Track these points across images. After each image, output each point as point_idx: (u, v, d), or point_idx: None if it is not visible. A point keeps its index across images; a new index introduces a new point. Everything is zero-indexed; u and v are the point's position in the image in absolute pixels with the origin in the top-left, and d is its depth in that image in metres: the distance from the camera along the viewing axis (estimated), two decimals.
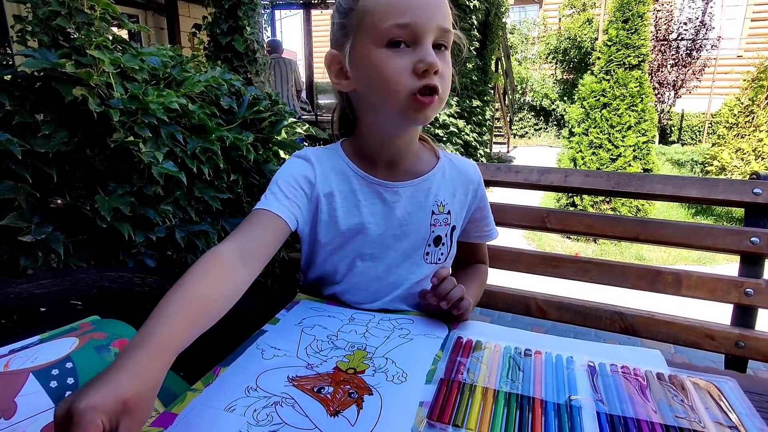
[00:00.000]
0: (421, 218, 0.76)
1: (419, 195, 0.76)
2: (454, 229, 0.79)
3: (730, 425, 0.48)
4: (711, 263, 3.63)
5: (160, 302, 0.52)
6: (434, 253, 0.78)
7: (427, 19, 0.63)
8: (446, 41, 0.67)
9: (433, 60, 0.63)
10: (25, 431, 0.47)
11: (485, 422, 0.48)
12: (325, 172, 0.75)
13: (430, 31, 0.64)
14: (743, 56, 9.41)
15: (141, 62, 1.49)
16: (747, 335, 1.14)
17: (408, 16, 0.63)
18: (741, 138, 4.93)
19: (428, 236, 0.76)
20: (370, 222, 0.75)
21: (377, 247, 0.76)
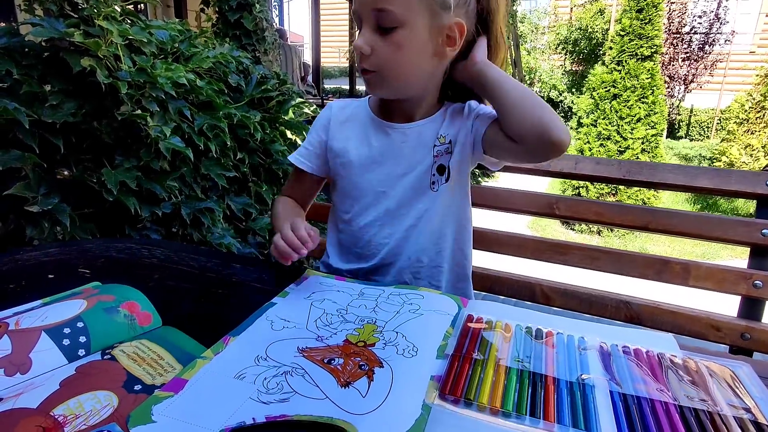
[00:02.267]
0: (425, 153, 0.81)
1: (425, 132, 0.82)
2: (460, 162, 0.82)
3: (745, 408, 0.48)
4: (715, 258, 3.61)
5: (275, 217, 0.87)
6: (439, 181, 0.82)
7: (362, 5, 0.70)
8: (387, 22, 0.69)
9: (357, 44, 0.71)
10: (44, 384, 0.47)
11: (497, 398, 0.48)
12: (345, 120, 0.87)
13: (366, 14, 0.70)
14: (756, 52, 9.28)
15: (149, 35, 1.48)
16: (753, 327, 1.14)
17: (354, 2, 0.71)
18: (751, 134, 4.88)
19: (431, 165, 0.81)
20: (379, 160, 0.83)
21: (387, 183, 0.83)
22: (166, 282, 0.76)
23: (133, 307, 0.60)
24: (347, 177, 0.85)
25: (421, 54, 0.73)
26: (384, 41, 0.70)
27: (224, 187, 1.66)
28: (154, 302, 0.63)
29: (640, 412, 0.47)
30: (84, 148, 1.38)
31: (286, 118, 1.99)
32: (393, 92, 0.78)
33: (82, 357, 0.53)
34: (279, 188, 2.02)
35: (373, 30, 0.70)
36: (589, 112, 4.24)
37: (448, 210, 0.84)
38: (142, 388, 0.48)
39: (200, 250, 0.94)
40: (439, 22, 0.70)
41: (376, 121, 0.84)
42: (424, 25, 0.70)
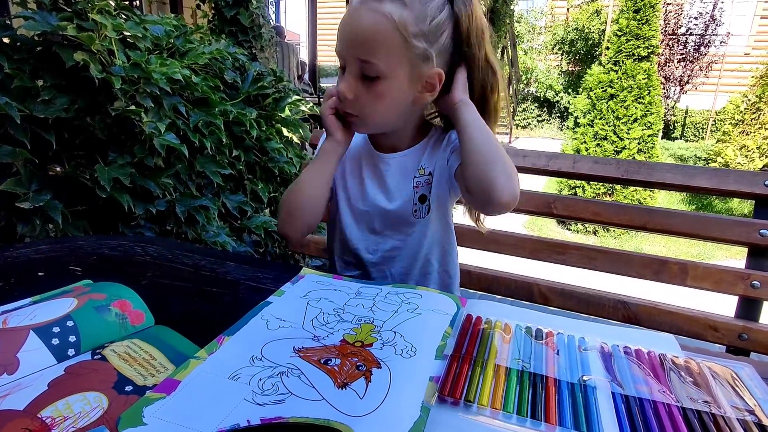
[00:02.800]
0: (406, 183, 0.85)
1: (406, 162, 0.85)
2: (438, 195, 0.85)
3: (748, 409, 0.47)
4: (710, 259, 3.63)
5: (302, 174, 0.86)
6: (421, 209, 0.85)
7: (347, 51, 0.73)
8: (371, 72, 0.71)
9: (341, 89, 0.74)
10: (32, 385, 0.45)
11: (498, 399, 0.47)
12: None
13: (351, 61, 0.73)
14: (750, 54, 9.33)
15: (144, 30, 1.46)
16: (751, 327, 1.14)
17: (338, 45, 0.74)
18: (746, 135, 4.90)
19: (413, 196, 0.85)
20: (368, 185, 0.87)
21: (372, 206, 0.87)
22: (160, 280, 0.74)
23: (124, 306, 0.59)
24: (339, 192, 0.90)
25: (400, 102, 0.76)
26: (366, 89, 0.73)
27: (219, 184, 1.65)
28: (147, 301, 0.62)
29: (643, 414, 0.46)
30: (77, 144, 1.36)
31: (282, 115, 1.97)
32: (373, 130, 0.85)
33: (71, 357, 0.51)
34: (275, 186, 2.00)
35: (356, 77, 0.73)
36: (585, 112, 4.24)
37: (432, 238, 0.88)
38: (133, 389, 0.46)
39: (194, 248, 0.93)
40: (419, 72, 0.73)
41: (368, 148, 0.88)
42: (405, 76, 0.73)
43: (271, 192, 1.94)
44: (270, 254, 1.91)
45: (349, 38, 0.72)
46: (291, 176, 2.02)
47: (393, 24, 0.68)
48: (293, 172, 1.99)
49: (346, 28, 0.73)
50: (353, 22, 0.72)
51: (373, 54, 0.70)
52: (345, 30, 0.73)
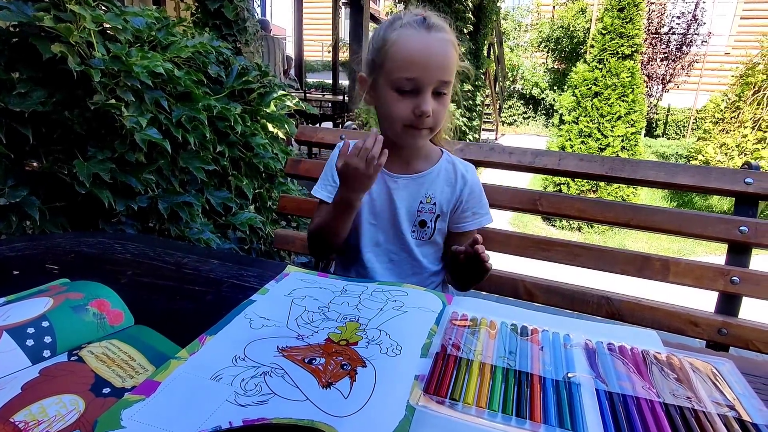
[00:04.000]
0: (412, 205, 0.93)
1: (413, 187, 0.93)
2: (439, 217, 0.95)
3: (728, 404, 0.48)
4: (691, 255, 3.70)
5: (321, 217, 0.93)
6: (419, 231, 0.95)
7: (428, 76, 0.81)
8: (445, 89, 0.83)
9: (427, 109, 0.81)
10: (4, 389, 0.44)
11: (483, 397, 0.47)
12: None
13: (431, 84, 0.81)
14: (731, 53, 9.51)
15: (124, 22, 1.42)
16: (730, 322, 1.16)
17: (414, 72, 0.80)
18: (726, 133, 5.00)
19: (415, 219, 0.94)
20: (375, 199, 0.94)
21: (378, 218, 0.95)
22: (140, 279, 0.73)
23: (102, 305, 0.57)
24: None
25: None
26: (438, 103, 0.83)
27: (203, 180, 1.62)
28: (126, 300, 0.60)
29: (626, 411, 0.46)
30: (54, 138, 1.32)
31: (267, 110, 1.95)
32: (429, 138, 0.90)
33: (47, 358, 0.50)
34: (260, 182, 1.98)
35: (432, 95, 0.82)
36: (570, 110, 4.28)
37: (430, 258, 0.97)
38: (111, 392, 0.45)
39: (177, 245, 0.91)
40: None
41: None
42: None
43: (256, 188, 1.92)
44: (255, 251, 1.89)
45: (432, 65, 0.80)
46: (276, 172, 2.00)
47: (455, 47, 0.84)
48: (278, 168, 1.97)
49: (427, 55, 0.80)
50: (433, 50, 0.81)
51: (450, 74, 0.83)
52: (424, 57, 0.80)
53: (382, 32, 0.86)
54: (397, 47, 0.82)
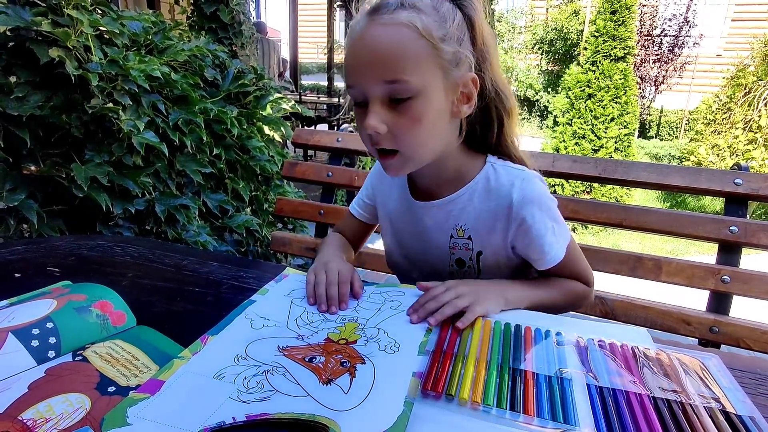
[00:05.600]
0: (441, 239, 0.76)
1: (440, 215, 0.75)
2: (481, 254, 0.75)
3: (714, 397, 0.50)
4: (683, 254, 3.73)
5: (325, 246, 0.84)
6: (458, 274, 0.76)
7: (367, 79, 0.61)
8: (403, 93, 0.61)
9: (369, 122, 0.61)
10: (11, 388, 0.45)
11: (478, 392, 0.48)
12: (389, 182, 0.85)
13: (374, 89, 0.61)
14: (722, 55, 9.60)
15: (121, 26, 1.43)
16: (721, 321, 1.18)
17: (352, 80, 0.63)
18: (718, 134, 5.05)
19: (449, 257, 0.76)
20: (403, 230, 0.83)
21: (411, 251, 0.83)
22: (141, 280, 0.74)
23: (105, 307, 0.58)
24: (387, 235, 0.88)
25: (439, 119, 0.65)
26: (399, 115, 0.62)
27: (200, 183, 1.63)
28: (128, 301, 0.61)
29: (616, 405, 0.48)
30: (52, 142, 1.33)
31: (263, 113, 1.96)
32: (417, 165, 0.69)
33: (51, 359, 0.51)
34: (256, 185, 1.99)
35: (383, 104, 0.62)
36: (564, 111, 4.31)
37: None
38: (116, 390, 0.46)
39: (175, 248, 0.92)
40: (453, 79, 0.63)
41: (405, 197, 0.80)
42: (439, 87, 0.62)
43: (253, 190, 1.93)
44: (251, 253, 1.90)
45: (367, 62, 0.61)
46: (272, 174, 2.01)
47: (416, 31, 0.59)
48: (275, 171, 1.98)
49: (360, 53, 0.62)
50: (368, 43, 0.61)
51: (402, 70, 0.59)
52: (359, 55, 0.62)
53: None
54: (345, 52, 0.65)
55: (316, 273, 0.69)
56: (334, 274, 0.68)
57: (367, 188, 0.91)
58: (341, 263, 0.72)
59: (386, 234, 0.88)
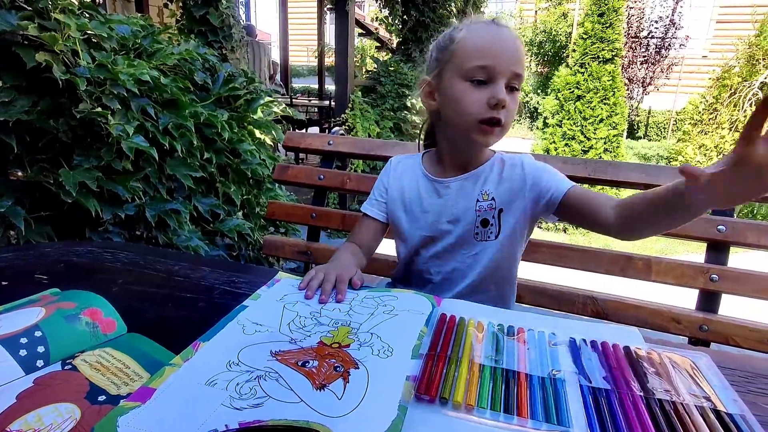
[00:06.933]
0: (468, 206, 0.88)
1: (467, 186, 0.89)
2: (502, 212, 0.87)
3: (705, 396, 0.50)
4: (673, 254, 3.77)
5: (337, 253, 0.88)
6: (483, 232, 0.88)
7: (502, 65, 0.78)
8: (517, 84, 0.81)
9: (503, 97, 0.78)
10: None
11: (472, 395, 0.48)
12: (399, 174, 0.97)
13: (505, 73, 0.79)
14: (708, 56, 9.74)
15: (110, 30, 1.42)
16: (710, 319, 1.19)
17: (488, 60, 0.78)
18: (705, 134, 5.12)
19: (475, 219, 0.88)
20: (427, 211, 0.91)
21: (433, 231, 0.90)
22: (131, 287, 0.73)
23: (95, 314, 0.57)
24: (400, 224, 0.95)
25: None
26: (511, 99, 0.80)
27: (191, 187, 1.62)
28: (119, 308, 0.61)
29: (609, 405, 0.48)
30: (39, 147, 1.31)
31: (254, 117, 1.95)
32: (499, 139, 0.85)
33: (40, 368, 0.50)
34: (247, 188, 1.98)
35: (504, 87, 0.79)
36: (554, 113, 4.35)
37: (496, 262, 0.89)
38: (106, 399, 0.46)
39: (167, 253, 0.91)
40: None
41: (428, 178, 0.93)
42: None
43: (244, 194, 1.92)
44: (243, 257, 1.89)
45: (506, 54, 0.79)
46: (263, 178, 2.00)
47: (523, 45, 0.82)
48: (266, 174, 1.98)
49: (501, 45, 0.79)
50: (506, 40, 0.80)
51: (523, 68, 0.80)
52: (500, 46, 0.79)
53: (449, 33, 0.85)
54: (467, 40, 0.81)
55: (317, 270, 0.76)
56: (333, 276, 0.73)
57: (379, 187, 0.99)
58: (346, 266, 0.78)
59: (400, 221, 0.94)
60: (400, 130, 4.31)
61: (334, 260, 0.83)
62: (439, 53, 0.86)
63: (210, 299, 0.70)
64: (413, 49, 5.06)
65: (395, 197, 0.96)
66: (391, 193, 0.97)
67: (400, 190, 0.95)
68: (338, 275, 0.73)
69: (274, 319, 0.62)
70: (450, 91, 0.83)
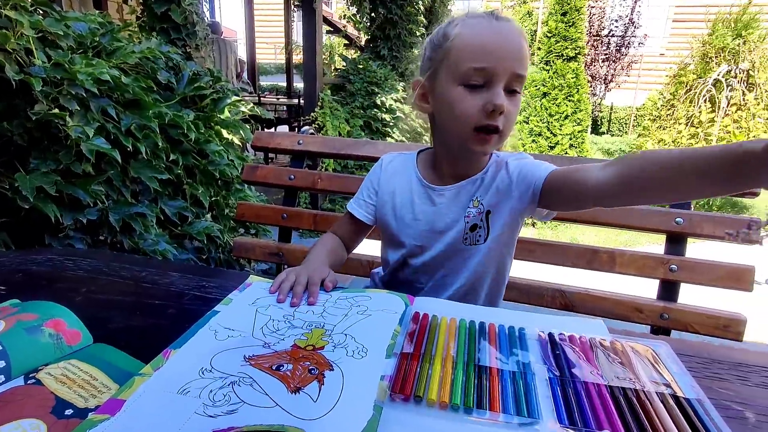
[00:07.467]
0: (459, 213, 0.85)
1: (462, 195, 0.85)
2: (490, 213, 0.84)
3: (665, 383, 0.53)
4: (636, 246, 3.92)
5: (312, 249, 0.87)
6: (472, 237, 0.85)
7: (501, 66, 0.72)
8: (518, 86, 0.74)
9: (501, 102, 0.72)
10: None
11: (446, 392, 0.49)
12: (391, 175, 0.93)
13: (503, 76, 0.72)
14: (665, 54, 10.14)
15: (66, 27, 1.37)
16: (670, 308, 1.25)
17: (485, 62, 0.72)
18: (663, 130, 5.33)
19: (464, 226, 0.85)
20: (419, 219, 0.87)
21: (424, 239, 0.87)
22: (96, 295, 0.71)
23: (58, 325, 0.56)
24: (389, 230, 0.91)
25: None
26: (511, 103, 0.74)
27: (156, 190, 1.58)
28: (83, 318, 0.59)
29: (576, 396, 0.50)
30: None
31: (221, 117, 1.91)
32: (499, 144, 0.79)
33: (1, 384, 0.48)
34: (216, 190, 1.94)
35: (503, 90, 0.73)
36: (521, 110, 4.44)
37: (485, 264, 0.86)
38: (74, 413, 0.44)
39: (133, 259, 0.89)
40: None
41: (421, 183, 0.89)
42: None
43: (212, 196, 1.89)
44: (213, 260, 1.86)
45: (505, 53, 0.72)
46: (232, 179, 1.97)
47: (526, 39, 0.75)
48: (234, 175, 1.94)
49: (499, 43, 0.72)
50: (508, 38, 0.73)
51: (525, 68, 0.74)
52: (499, 45, 0.72)
53: (443, 29, 0.78)
54: (462, 37, 0.73)
55: (288, 272, 0.74)
56: (304, 278, 0.72)
57: (368, 187, 0.95)
58: (318, 268, 0.76)
59: (389, 227, 0.91)
60: (370, 128, 4.31)
61: (307, 260, 0.82)
62: (433, 52, 0.79)
63: (180, 305, 0.69)
64: (382, 46, 5.07)
65: (385, 200, 0.91)
66: (381, 195, 0.92)
67: (391, 194, 0.91)
68: (309, 277, 0.72)
69: (247, 323, 0.61)
70: (444, 96, 0.77)
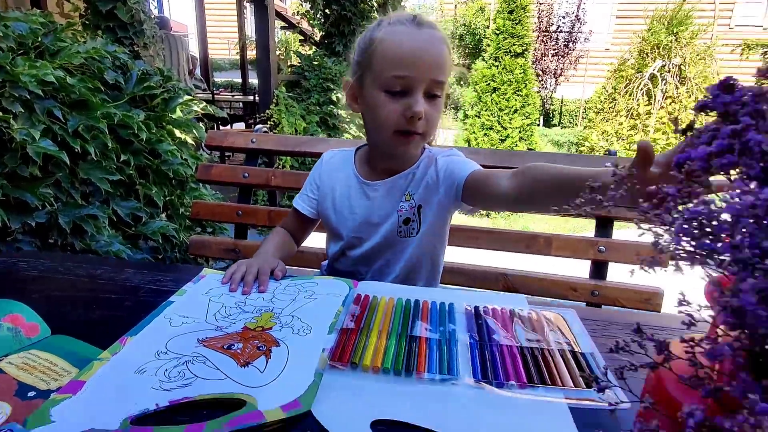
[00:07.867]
0: (392, 207, 0.91)
1: (394, 189, 0.91)
2: (421, 208, 0.90)
3: (567, 342, 0.62)
4: (581, 231, 4.15)
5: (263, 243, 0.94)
6: (405, 230, 0.91)
7: (421, 75, 0.77)
8: (439, 90, 0.80)
9: (419, 110, 0.77)
10: None
11: (379, 358, 0.56)
12: (331, 171, 0.98)
13: (423, 83, 0.78)
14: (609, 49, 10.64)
15: (5, 28, 1.34)
16: (600, 285, 1.37)
17: (405, 70, 0.77)
18: (606, 122, 5.64)
19: (398, 220, 0.90)
20: (356, 213, 0.93)
21: (362, 231, 0.93)
22: (53, 292, 0.73)
23: (16, 320, 0.59)
24: (330, 222, 0.96)
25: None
26: (431, 107, 0.80)
27: (108, 191, 1.57)
28: (41, 313, 0.62)
29: (491, 356, 0.58)
30: None
31: (173, 116, 1.91)
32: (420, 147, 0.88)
33: None
34: (170, 189, 1.94)
35: (422, 96, 0.78)
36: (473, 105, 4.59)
37: (418, 254, 0.92)
38: (36, 395, 0.48)
39: (87, 259, 0.91)
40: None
41: (357, 179, 0.94)
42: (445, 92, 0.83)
43: (166, 195, 1.89)
44: (169, 259, 1.86)
45: (423, 62, 0.77)
46: (187, 178, 1.97)
47: (448, 46, 0.80)
48: (189, 174, 1.95)
49: (419, 52, 0.77)
50: (424, 46, 0.78)
51: (444, 73, 0.79)
52: (415, 54, 0.77)
53: (369, 33, 0.83)
54: (385, 45, 0.78)
55: (239, 264, 0.79)
56: (255, 268, 0.78)
57: (311, 183, 1.00)
58: (268, 259, 0.82)
59: (329, 220, 0.97)
60: (327, 125, 4.34)
61: (257, 253, 0.88)
62: (360, 56, 0.84)
63: (136, 298, 0.73)
64: (337, 42, 5.08)
65: (326, 195, 0.96)
66: (323, 190, 0.97)
67: (331, 189, 0.96)
68: (260, 267, 0.78)
69: (201, 311, 0.66)
70: (369, 100, 0.82)
